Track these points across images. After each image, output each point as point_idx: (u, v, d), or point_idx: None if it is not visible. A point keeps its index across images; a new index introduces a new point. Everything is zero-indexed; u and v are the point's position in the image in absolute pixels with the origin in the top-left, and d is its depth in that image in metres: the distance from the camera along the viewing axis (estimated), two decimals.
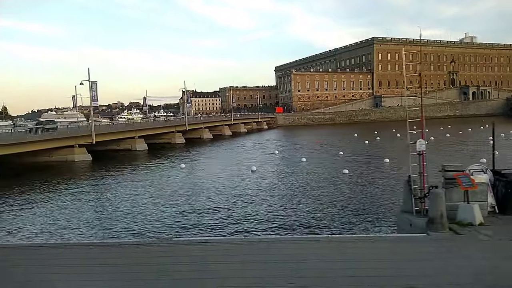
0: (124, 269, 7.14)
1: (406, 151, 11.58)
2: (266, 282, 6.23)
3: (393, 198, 19.72)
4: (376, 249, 8.28)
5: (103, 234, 15.72)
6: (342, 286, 6.15)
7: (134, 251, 8.33)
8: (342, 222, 15.73)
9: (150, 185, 26.87)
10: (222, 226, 16.05)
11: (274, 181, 26.64)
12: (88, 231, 16.24)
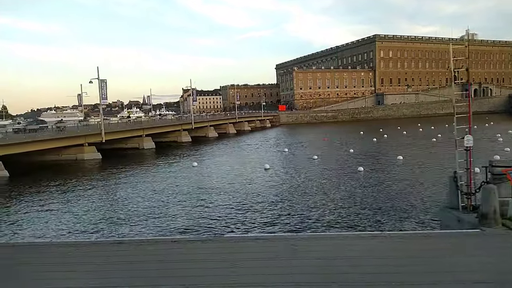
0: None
1: (418, 148, 11.75)
2: (328, 277, 6.22)
3: (417, 195, 19.79)
4: (430, 245, 8.25)
5: (135, 232, 15.69)
6: (404, 283, 6.11)
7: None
8: (374, 220, 15.70)
9: (166, 183, 26.80)
10: (253, 223, 16.04)
11: (290, 179, 26.59)
12: (116, 230, 16.20)
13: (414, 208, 17.07)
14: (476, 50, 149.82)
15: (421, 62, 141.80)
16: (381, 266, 6.75)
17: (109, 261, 7.47)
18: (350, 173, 27.59)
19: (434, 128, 67.38)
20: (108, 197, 23.54)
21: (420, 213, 16.23)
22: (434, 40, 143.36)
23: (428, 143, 45.58)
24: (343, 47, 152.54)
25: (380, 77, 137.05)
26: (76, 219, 18.19)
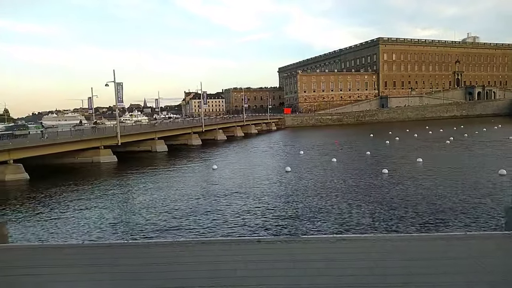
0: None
1: (434, 150, 11.60)
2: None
3: (453, 197, 19.82)
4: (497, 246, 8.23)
5: (166, 235, 15.69)
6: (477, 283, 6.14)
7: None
8: (430, 221, 15.73)
9: (192, 186, 26.77)
10: (288, 225, 16.06)
11: (315, 181, 26.58)
12: (151, 233, 16.19)
13: (452, 210, 17.12)
14: (479, 53, 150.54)
15: (424, 65, 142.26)
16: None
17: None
18: (374, 175, 27.66)
19: (443, 131, 67.67)
20: (138, 199, 23.45)
21: (461, 215, 16.26)
22: (437, 43, 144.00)
23: (442, 146, 45.71)
24: (346, 50, 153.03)
25: (384, 80, 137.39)
26: (107, 221, 18.18)
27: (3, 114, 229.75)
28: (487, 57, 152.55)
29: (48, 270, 7.31)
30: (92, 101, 63.31)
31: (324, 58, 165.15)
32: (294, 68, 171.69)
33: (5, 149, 32.41)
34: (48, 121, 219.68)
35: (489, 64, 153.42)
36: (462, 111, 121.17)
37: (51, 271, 7.25)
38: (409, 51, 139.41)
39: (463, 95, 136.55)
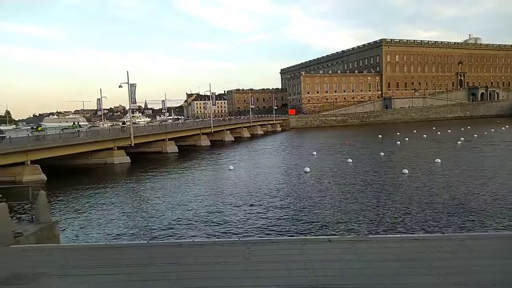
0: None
1: (449, 151, 11.47)
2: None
3: (486, 197, 19.84)
4: None
5: (193, 234, 15.68)
6: None
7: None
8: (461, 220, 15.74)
9: (211, 187, 26.72)
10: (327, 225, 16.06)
11: (335, 181, 26.51)
12: (176, 232, 16.17)
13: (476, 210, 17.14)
14: (482, 54, 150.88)
15: (427, 66, 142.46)
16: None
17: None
18: (395, 175, 27.68)
19: (451, 131, 67.73)
20: (167, 200, 23.32)
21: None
22: (440, 44, 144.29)
23: (455, 146, 45.79)
24: (348, 52, 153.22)
25: (387, 81, 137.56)
26: (138, 222, 18.15)
27: (5, 115, 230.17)
28: (490, 58, 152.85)
29: (105, 269, 7.39)
30: (101, 102, 63.33)
31: (326, 60, 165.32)
32: (297, 70, 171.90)
33: (23, 150, 32.40)
34: (49, 122, 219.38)
35: (492, 65, 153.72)
36: (466, 112, 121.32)
37: (107, 270, 7.35)
38: (412, 52, 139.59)
39: (466, 96, 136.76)
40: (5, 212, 9.73)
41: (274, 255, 7.74)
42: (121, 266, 7.46)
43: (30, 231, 10.41)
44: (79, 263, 7.75)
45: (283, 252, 7.89)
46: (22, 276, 7.17)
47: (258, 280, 6.54)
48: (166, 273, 6.98)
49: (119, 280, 6.77)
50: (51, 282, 6.85)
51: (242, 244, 8.58)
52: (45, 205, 11.30)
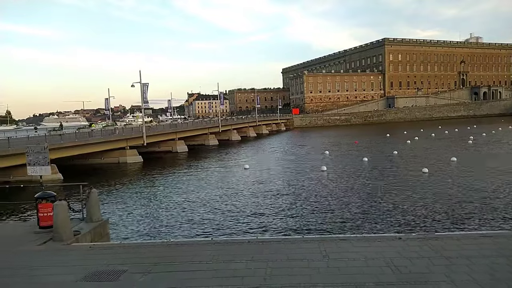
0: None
1: (462, 149, 11.30)
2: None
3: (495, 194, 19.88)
4: None
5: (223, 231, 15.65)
6: None
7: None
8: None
9: (230, 187, 26.60)
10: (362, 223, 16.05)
11: (354, 180, 26.47)
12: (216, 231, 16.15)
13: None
14: (484, 53, 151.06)
15: (429, 65, 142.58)
16: None
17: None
18: (415, 174, 27.66)
19: (458, 130, 67.86)
20: (191, 198, 23.28)
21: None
22: (443, 44, 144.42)
23: (467, 145, 45.83)
24: (350, 51, 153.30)
25: (390, 80, 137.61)
26: (174, 220, 18.11)
27: (6, 116, 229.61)
28: (492, 57, 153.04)
29: (186, 266, 7.41)
30: (109, 102, 63.22)
31: (328, 59, 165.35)
32: (299, 69, 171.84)
33: None
34: (49, 122, 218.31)
35: (494, 64, 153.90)
36: (469, 111, 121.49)
37: (189, 267, 7.38)
38: (414, 52, 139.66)
39: (469, 95, 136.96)
40: (65, 210, 9.71)
41: (352, 252, 7.73)
42: (203, 263, 7.44)
43: (85, 229, 10.40)
44: (157, 260, 7.72)
45: (360, 249, 7.87)
46: (104, 273, 7.14)
47: (338, 277, 6.52)
48: (251, 270, 6.97)
49: (205, 277, 6.74)
50: (136, 278, 6.83)
51: (317, 241, 8.57)
52: (97, 203, 11.28)
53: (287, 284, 6.30)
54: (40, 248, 9.06)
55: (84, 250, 8.80)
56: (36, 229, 10.41)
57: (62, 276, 7.11)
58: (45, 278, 7.04)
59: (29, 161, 11.37)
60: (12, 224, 14.98)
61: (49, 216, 10.31)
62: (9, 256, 8.49)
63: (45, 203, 10.27)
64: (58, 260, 8.05)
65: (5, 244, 9.45)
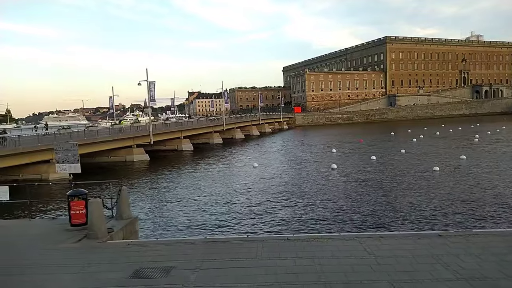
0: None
1: (468, 147, 11.18)
2: None
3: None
4: None
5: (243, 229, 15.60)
6: None
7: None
8: None
9: (243, 185, 26.56)
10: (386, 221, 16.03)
11: (366, 178, 26.45)
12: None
13: None
14: (485, 51, 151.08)
15: (431, 64, 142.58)
16: None
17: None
18: (426, 172, 27.63)
19: (462, 129, 67.93)
20: (209, 196, 23.26)
21: None
22: (444, 42, 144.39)
23: (473, 143, 45.86)
24: (352, 49, 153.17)
25: (391, 78, 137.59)
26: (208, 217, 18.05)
27: (5, 114, 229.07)
28: (494, 56, 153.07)
29: (242, 262, 7.36)
30: (113, 100, 63.12)
31: (329, 57, 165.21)
32: (300, 67, 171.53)
33: (48, 148, 32.17)
34: (48, 121, 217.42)
35: (496, 62, 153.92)
36: (471, 109, 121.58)
37: (244, 263, 7.34)
38: (416, 50, 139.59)
39: (470, 94, 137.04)
40: (100, 207, 9.66)
41: (398, 249, 7.70)
42: (249, 259, 7.41)
43: (118, 227, 10.35)
44: (202, 257, 7.68)
45: (404, 246, 7.85)
46: (153, 270, 7.10)
47: (395, 274, 6.49)
48: (301, 266, 6.93)
49: (259, 274, 6.70)
50: (187, 274, 6.79)
51: (357, 238, 8.54)
52: (127, 200, 11.23)
53: (345, 281, 6.26)
54: (76, 246, 9.00)
55: (123, 248, 8.75)
56: (68, 227, 10.36)
57: (112, 273, 7.07)
58: (96, 275, 7.00)
59: (57, 158, 11.33)
60: (40, 221, 14.88)
61: (81, 213, 10.28)
62: (50, 253, 8.43)
63: (77, 200, 10.22)
64: (101, 258, 8.01)
65: (41, 241, 9.40)
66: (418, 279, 6.23)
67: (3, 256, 8.38)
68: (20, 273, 7.30)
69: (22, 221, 13.14)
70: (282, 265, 7.06)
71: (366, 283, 6.18)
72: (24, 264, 7.76)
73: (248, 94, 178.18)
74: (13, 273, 7.36)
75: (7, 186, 11.76)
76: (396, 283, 6.09)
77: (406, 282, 6.12)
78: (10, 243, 9.39)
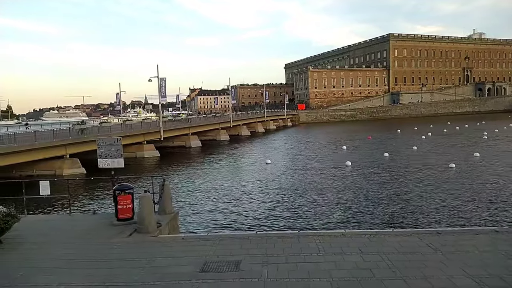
0: None
1: (477, 145, 11.02)
2: None
3: None
4: None
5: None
6: None
7: None
8: None
9: (259, 181, 26.54)
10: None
11: (382, 175, 26.44)
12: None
13: None
14: (488, 49, 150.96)
15: (434, 61, 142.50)
16: None
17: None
18: (443, 169, 27.63)
19: (468, 126, 67.91)
20: (237, 193, 23.21)
21: None
22: (447, 40, 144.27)
23: (483, 140, 45.84)
24: (355, 46, 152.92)
25: (394, 76, 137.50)
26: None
27: (7, 110, 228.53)
28: (497, 53, 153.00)
29: (311, 257, 7.34)
30: (120, 96, 62.95)
31: (332, 54, 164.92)
32: (302, 64, 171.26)
33: (63, 144, 32.16)
34: (49, 117, 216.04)
35: (499, 60, 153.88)
36: (474, 107, 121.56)
37: (313, 258, 7.33)
38: (419, 47, 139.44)
39: (473, 91, 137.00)
40: (151, 202, 9.63)
41: (460, 244, 7.68)
42: (314, 255, 7.39)
43: (164, 221, 10.32)
44: (265, 251, 7.66)
45: (465, 242, 7.83)
46: (220, 263, 7.07)
47: (470, 270, 6.47)
48: (370, 262, 6.91)
49: (332, 269, 6.68)
50: (258, 269, 6.76)
51: (415, 234, 8.53)
52: (169, 195, 11.20)
53: (422, 277, 6.24)
54: (130, 240, 8.97)
55: (179, 242, 8.72)
56: (114, 221, 10.33)
57: (179, 267, 7.04)
58: (164, 269, 6.97)
59: (100, 153, 11.27)
60: (82, 216, 14.81)
61: (128, 208, 10.25)
62: (107, 248, 8.40)
63: (124, 195, 10.18)
64: (161, 252, 7.98)
65: (94, 236, 9.37)
66: (496, 274, 6.21)
67: (62, 251, 8.34)
68: (85, 267, 7.27)
69: (63, 216, 13.10)
70: (350, 260, 7.04)
71: (446, 278, 6.15)
72: (86, 259, 7.73)
73: (250, 91, 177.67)
74: (78, 266, 7.32)
75: (48, 181, 11.73)
76: (477, 278, 6.06)
77: (487, 278, 6.10)
78: (64, 238, 9.35)
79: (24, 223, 10.08)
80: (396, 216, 16.30)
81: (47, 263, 7.55)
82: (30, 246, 8.66)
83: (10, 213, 8.90)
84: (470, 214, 16.04)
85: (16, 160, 28.58)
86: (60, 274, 6.95)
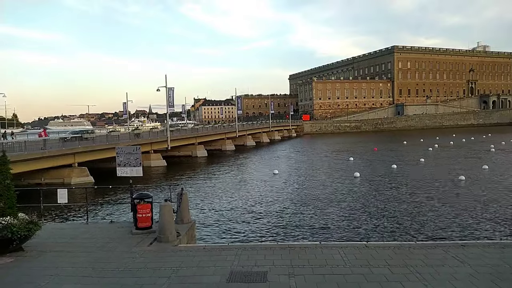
0: None
1: (486, 158, 10.88)
2: None
3: None
4: None
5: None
6: None
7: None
8: None
9: (266, 192, 26.49)
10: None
11: (391, 186, 26.35)
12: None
13: None
14: (493, 61, 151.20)
15: (438, 74, 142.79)
16: None
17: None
18: (453, 181, 27.46)
19: (474, 138, 67.68)
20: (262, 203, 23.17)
21: None
22: (451, 52, 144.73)
23: (490, 153, 45.63)
24: (359, 58, 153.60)
25: (399, 88, 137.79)
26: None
27: (12, 118, 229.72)
28: (501, 66, 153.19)
29: (336, 269, 7.28)
30: (126, 105, 63.30)
31: (337, 66, 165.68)
32: (307, 75, 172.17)
33: (72, 152, 32.26)
34: (54, 126, 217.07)
35: (503, 72, 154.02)
36: (479, 119, 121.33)
37: (339, 271, 7.26)
38: (424, 59, 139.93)
39: (478, 104, 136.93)
40: (171, 211, 9.62)
41: (485, 257, 7.63)
42: (340, 266, 7.34)
43: (183, 231, 10.29)
44: (290, 262, 7.62)
45: (490, 255, 7.78)
46: (247, 274, 7.04)
47: (490, 284, 6.41)
48: (399, 275, 6.85)
49: (360, 281, 6.63)
50: (285, 280, 6.72)
51: (440, 247, 8.47)
52: (187, 204, 11.20)
53: None
54: (152, 249, 8.95)
55: (201, 252, 8.68)
56: (133, 230, 10.32)
57: (205, 277, 7.01)
58: (190, 279, 6.94)
59: (119, 162, 11.31)
60: (100, 224, 14.70)
61: (147, 217, 10.25)
62: (131, 257, 8.36)
63: (143, 204, 10.19)
64: (185, 261, 7.95)
65: (115, 245, 9.35)
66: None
67: (85, 258, 8.32)
68: (111, 276, 7.25)
69: (81, 224, 13.09)
70: (379, 272, 6.99)
71: None
72: (110, 268, 7.70)
73: (254, 101, 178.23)
74: (104, 275, 7.30)
75: (65, 189, 11.75)
76: None
77: None
78: (85, 247, 9.33)
79: (43, 231, 10.07)
80: (418, 228, 16.16)
81: (72, 271, 7.53)
82: (53, 254, 8.66)
83: (32, 221, 8.92)
84: (490, 227, 15.91)
85: (26, 168, 28.64)
86: (87, 282, 6.94)
